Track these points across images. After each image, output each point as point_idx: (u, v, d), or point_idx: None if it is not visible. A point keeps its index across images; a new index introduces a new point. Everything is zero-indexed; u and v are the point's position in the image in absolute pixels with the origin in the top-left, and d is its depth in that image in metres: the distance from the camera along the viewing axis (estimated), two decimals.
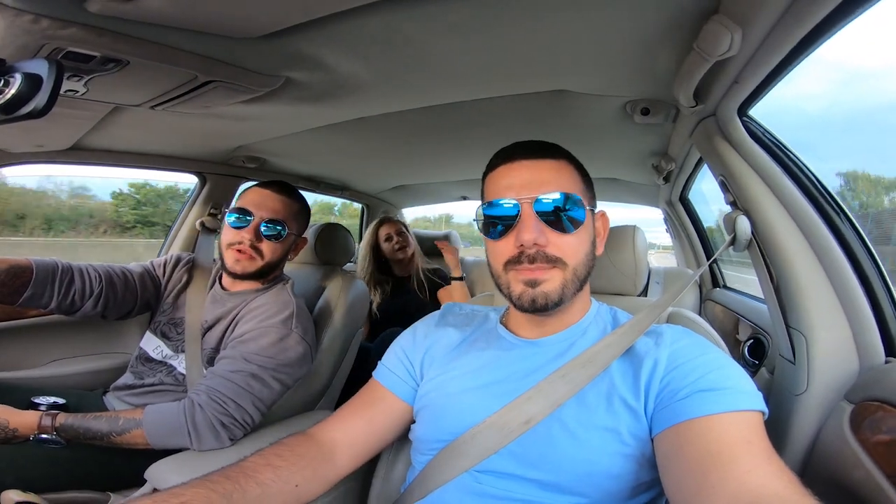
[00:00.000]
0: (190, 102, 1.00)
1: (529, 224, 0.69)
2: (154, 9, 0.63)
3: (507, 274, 0.73)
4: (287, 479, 0.69)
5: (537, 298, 0.71)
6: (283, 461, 0.71)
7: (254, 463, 0.69)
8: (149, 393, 1.21)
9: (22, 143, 1.33)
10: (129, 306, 1.28)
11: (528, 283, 0.71)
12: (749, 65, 0.69)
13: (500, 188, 0.74)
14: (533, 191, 0.71)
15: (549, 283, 0.71)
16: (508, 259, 0.72)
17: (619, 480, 0.63)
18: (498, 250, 0.74)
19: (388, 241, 2.38)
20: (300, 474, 0.71)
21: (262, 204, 1.24)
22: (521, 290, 0.71)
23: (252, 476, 0.66)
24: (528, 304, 0.71)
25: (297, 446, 0.75)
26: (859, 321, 0.82)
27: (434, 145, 1.70)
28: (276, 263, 1.28)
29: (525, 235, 0.69)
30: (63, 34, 0.66)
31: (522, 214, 0.70)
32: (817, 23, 0.53)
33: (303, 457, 0.73)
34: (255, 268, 1.23)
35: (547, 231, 0.70)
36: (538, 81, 1.02)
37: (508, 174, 0.74)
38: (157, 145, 1.57)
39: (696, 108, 0.89)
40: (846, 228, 0.84)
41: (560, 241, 0.71)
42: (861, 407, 0.75)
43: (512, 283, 0.73)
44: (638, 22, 0.72)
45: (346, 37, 0.81)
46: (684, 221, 2.17)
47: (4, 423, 0.96)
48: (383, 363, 0.88)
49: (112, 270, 1.24)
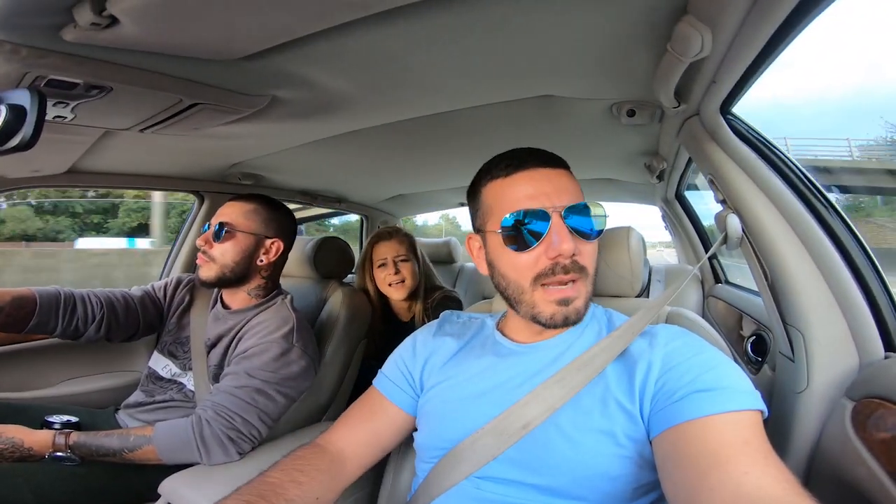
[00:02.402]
0: (178, 125, 1.01)
1: (564, 233, 0.68)
2: (131, 36, 0.64)
3: (535, 292, 0.71)
4: (309, 492, 0.72)
5: (570, 316, 0.71)
6: (305, 476, 0.73)
7: (279, 480, 0.72)
8: (159, 409, 1.24)
9: (19, 169, 1.36)
10: (132, 330, 1.31)
11: (560, 302, 0.70)
12: (724, 64, 0.69)
13: (519, 198, 0.71)
14: (560, 199, 0.70)
15: (578, 299, 0.71)
16: (539, 272, 0.70)
17: (617, 482, 0.63)
18: (524, 264, 0.71)
19: (383, 267, 1.72)
20: (319, 487, 0.74)
21: (220, 212, 1.28)
22: (552, 311, 0.70)
23: (282, 494, 0.69)
24: (561, 322, 0.71)
25: (314, 459, 0.77)
26: (855, 316, 0.81)
27: (428, 154, 1.71)
28: (236, 267, 1.24)
29: (564, 245, 0.67)
30: (43, 63, 0.67)
31: (553, 224, 0.69)
32: (783, 20, 0.53)
33: (321, 470, 0.76)
34: (213, 273, 1.23)
35: (577, 240, 0.70)
36: (522, 88, 1.03)
37: (528, 182, 0.72)
38: (152, 166, 1.58)
39: (679, 108, 0.89)
40: (836, 222, 0.83)
41: (585, 249, 0.71)
42: (862, 404, 0.74)
43: (539, 303, 0.71)
44: (613, 24, 0.73)
45: (328, 55, 0.82)
46: (682, 218, 2.17)
47: (20, 442, 0.98)
48: (383, 372, 0.89)
49: (113, 296, 1.28)
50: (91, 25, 0.60)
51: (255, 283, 1.29)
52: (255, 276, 1.29)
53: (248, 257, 1.26)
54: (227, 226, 1.23)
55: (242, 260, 1.25)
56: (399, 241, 1.73)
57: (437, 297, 1.76)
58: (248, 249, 1.26)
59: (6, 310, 1.08)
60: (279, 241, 1.30)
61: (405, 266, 1.70)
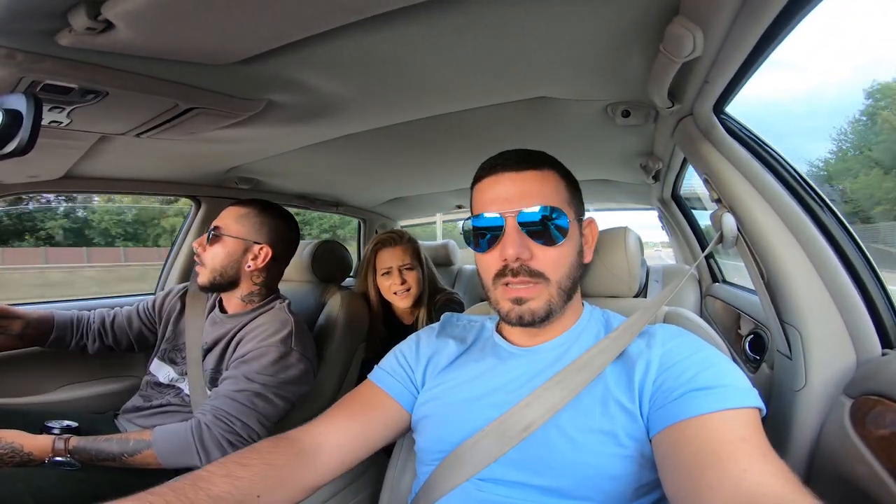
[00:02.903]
0: (174, 129, 1.01)
1: (512, 238, 0.71)
2: (126, 40, 0.64)
3: (496, 289, 0.74)
4: (248, 490, 0.64)
5: (524, 315, 0.72)
6: (246, 471, 0.65)
7: (210, 473, 0.64)
8: (157, 414, 1.24)
9: (15, 174, 1.35)
10: (128, 344, 1.43)
11: (514, 300, 0.72)
12: (716, 64, 0.70)
13: (485, 201, 0.75)
14: (516, 204, 0.72)
15: (534, 300, 0.72)
16: (496, 272, 0.73)
17: (619, 482, 0.63)
18: (485, 263, 0.75)
19: (387, 275, 1.67)
20: (263, 483, 0.65)
21: (218, 218, 1.30)
22: (508, 308, 0.73)
23: (204, 489, 0.61)
24: (516, 320, 0.73)
25: (268, 453, 0.70)
26: (852, 313, 0.82)
27: (425, 157, 1.71)
28: (224, 272, 1.24)
29: (508, 250, 0.70)
30: (39, 67, 0.67)
31: (506, 228, 0.71)
32: (773, 19, 0.54)
33: (271, 465, 0.68)
34: (205, 278, 1.24)
35: (531, 245, 0.71)
36: (518, 90, 1.03)
37: (493, 187, 0.75)
38: (148, 171, 1.58)
39: (673, 108, 0.90)
40: (830, 220, 0.84)
41: (544, 255, 0.72)
42: (860, 401, 0.74)
43: (500, 300, 0.74)
44: (606, 25, 0.73)
45: (323, 58, 0.82)
46: (678, 219, 2.17)
47: (19, 447, 0.98)
48: (381, 367, 0.88)
49: (114, 314, 1.42)
50: (86, 30, 0.60)
51: (246, 288, 1.29)
52: (245, 282, 1.28)
53: (236, 262, 1.25)
54: (216, 229, 1.24)
55: (230, 264, 1.25)
56: (403, 250, 1.67)
57: (440, 300, 1.75)
58: (235, 254, 1.25)
59: (31, 325, 1.29)
60: (268, 248, 1.28)
61: (410, 274, 1.66)
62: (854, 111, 6.01)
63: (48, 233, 14.61)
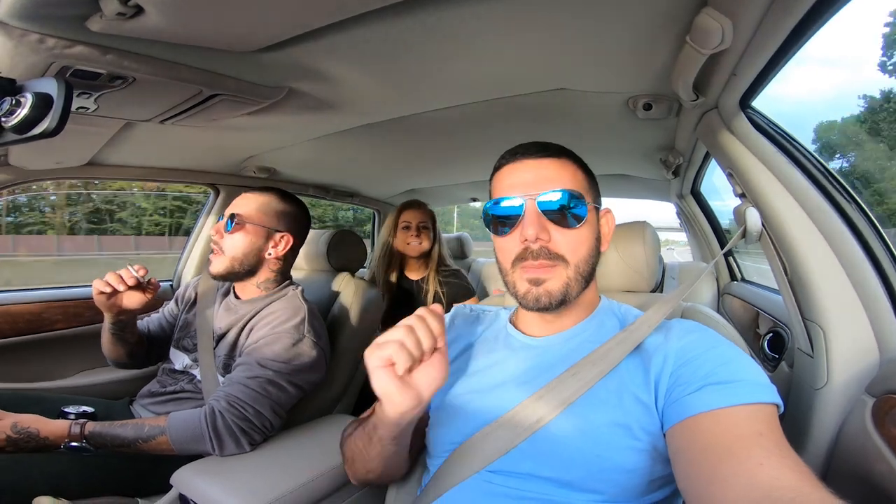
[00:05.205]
0: (197, 116, 1.02)
1: (532, 220, 0.71)
2: (154, 26, 0.65)
3: (514, 272, 0.74)
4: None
5: (541, 297, 0.71)
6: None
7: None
8: (171, 401, 1.26)
9: (42, 160, 1.39)
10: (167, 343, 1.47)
11: (532, 281, 0.72)
12: (745, 57, 0.68)
13: (504, 187, 0.76)
14: (536, 188, 0.72)
15: (551, 281, 0.71)
16: (516, 256, 0.73)
17: (632, 475, 0.63)
18: (505, 247, 0.75)
19: (406, 229, 2.03)
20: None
21: (234, 203, 1.29)
22: (525, 289, 0.72)
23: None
24: (533, 303, 0.72)
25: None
26: (877, 311, 0.80)
27: (441, 149, 1.71)
28: (245, 259, 1.25)
29: (528, 230, 0.70)
30: (69, 53, 0.68)
31: (526, 211, 0.71)
32: (806, 12, 0.52)
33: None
34: (223, 265, 1.24)
35: (550, 227, 0.71)
36: (538, 82, 1.02)
37: (512, 173, 0.76)
38: (169, 158, 1.61)
39: (697, 101, 0.88)
40: (858, 216, 0.82)
41: (563, 238, 0.72)
42: (883, 400, 0.73)
43: (517, 281, 0.74)
44: (630, 16, 0.72)
45: (344, 47, 0.82)
46: (697, 215, 2.14)
47: (36, 432, 0.99)
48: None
49: (147, 326, 1.45)
50: (117, 15, 0.61)
51: (263, 275, 1.30)
52: (263, 269, 1.29)
53: (257, 250, 1.27)
54: (237, 217, 1.24)
55: (251, 252, 1.26)
56: (423, 212, 2.09)
57: (449, 269, 2.12)
58: (258, 242, 1.26)
59: (143, 341, 1.37)
60: (289, 236, 1.30)
61: (424, 232, 2.04)
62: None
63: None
